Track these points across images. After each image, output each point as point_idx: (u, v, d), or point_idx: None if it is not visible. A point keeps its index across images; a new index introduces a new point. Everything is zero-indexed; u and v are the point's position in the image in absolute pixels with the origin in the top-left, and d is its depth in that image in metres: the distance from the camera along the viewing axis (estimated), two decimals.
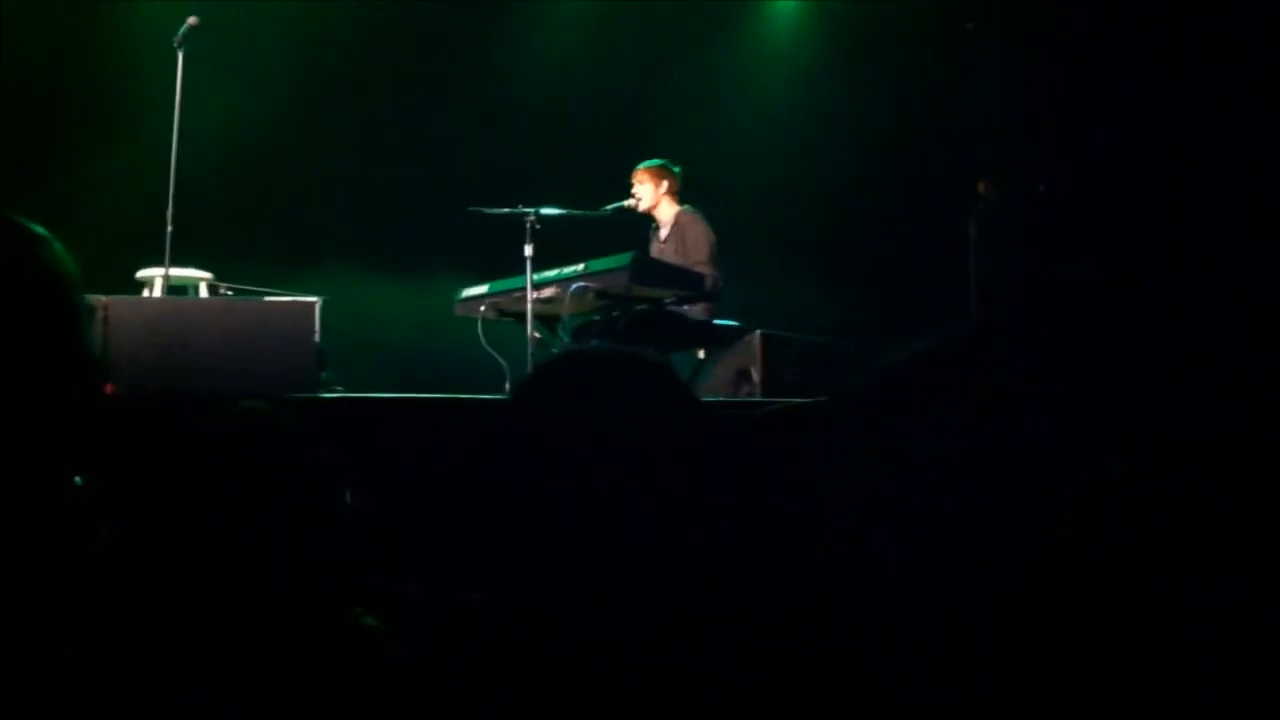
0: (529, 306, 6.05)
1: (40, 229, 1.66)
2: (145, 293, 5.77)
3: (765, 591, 1.48)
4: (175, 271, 5.77)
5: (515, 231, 6.23)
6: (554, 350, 6.31)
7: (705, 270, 6.51)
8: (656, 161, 6.91)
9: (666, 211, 6.87)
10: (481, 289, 6.50)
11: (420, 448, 4.53)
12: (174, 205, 5.82)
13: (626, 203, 6.82)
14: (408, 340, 7.41)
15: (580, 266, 6.13)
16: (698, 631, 1.36)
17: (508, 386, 6.12)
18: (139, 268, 6.04)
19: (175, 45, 6.02)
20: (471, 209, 6.38)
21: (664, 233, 6.88)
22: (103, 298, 4.94)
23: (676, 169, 6.92)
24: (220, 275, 6.18)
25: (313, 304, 5.31)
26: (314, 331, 5.25)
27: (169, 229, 5.76)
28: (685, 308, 6.49)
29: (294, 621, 2.08)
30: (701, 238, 6.70)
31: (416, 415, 4.92)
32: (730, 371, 6.25)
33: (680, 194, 6.90)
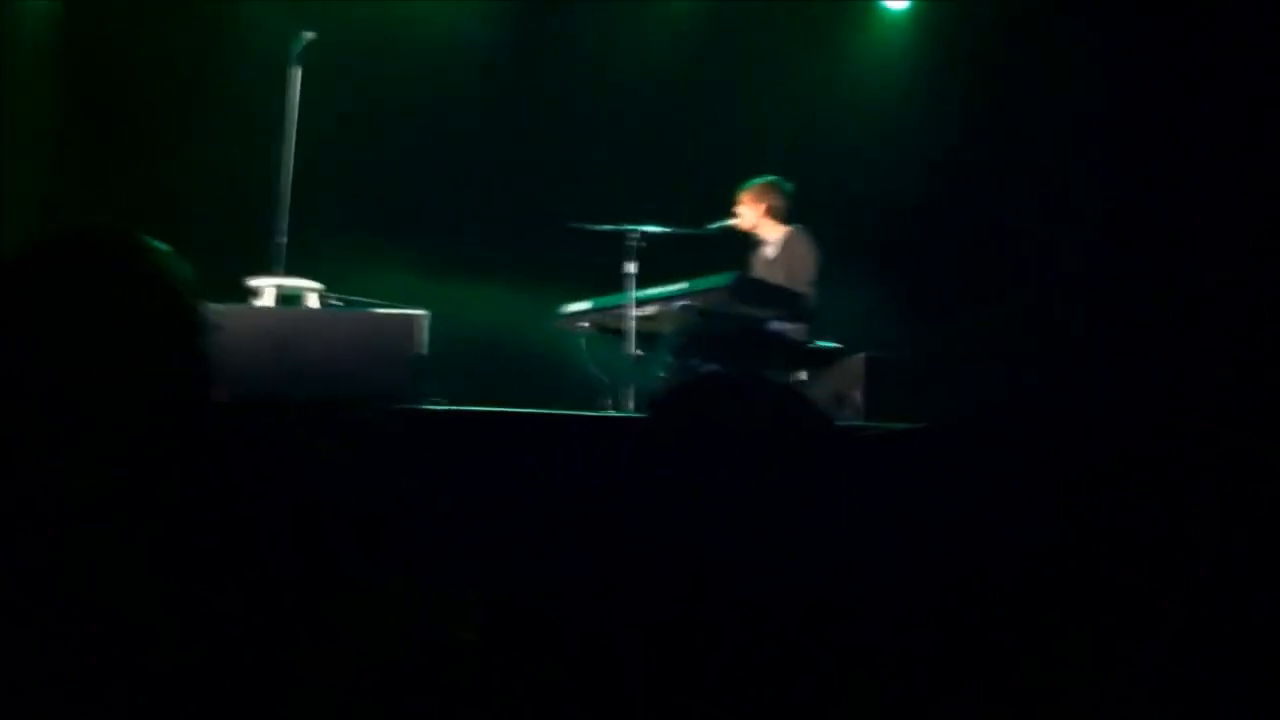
0: (631, 324, 6.07)
1: (162, 244, 1.71)
2: (255, 301, 5.87)
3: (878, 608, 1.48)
4: (285, 281, 5.87)
5: (618, 248, 6.26)
6: (655, 368, 6.33)
7: (809, 291, 6.49)
8: (760, 180, 6.90)
9: (773, 231, 6.86)
10: (584, 305, 6.54)
11: (519, 461, 4.57)
12: (288, 216, 5.93)
13: (730, 221, 6.81)
14: (511, 354, 7.47)
15: (683, 285, 6.14)
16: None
17: (609, 404, 6.15)
18: (250, 275, 6.16)
19: (292, 61, 6.14)
20: (573, 224, 6.42)
21: (770, 251, 6.86)
22: (215, 306, 5.04)
23: (788, 188, 6.89)
24: (330, 287, 6.28)
25: (419, 317, 5.37)
26: (419, 344, 5.31)
27: (282, 240, 5.87)
28: (786, 328, 6.47)
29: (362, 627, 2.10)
30: (810, 258, 6.68)
31: (516, 429, 4.95)
32: (831, 394, 6.21)
33: (788, 212, 6.87)
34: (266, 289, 5.83)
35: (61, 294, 1.60)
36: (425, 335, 5.39)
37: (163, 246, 1.73)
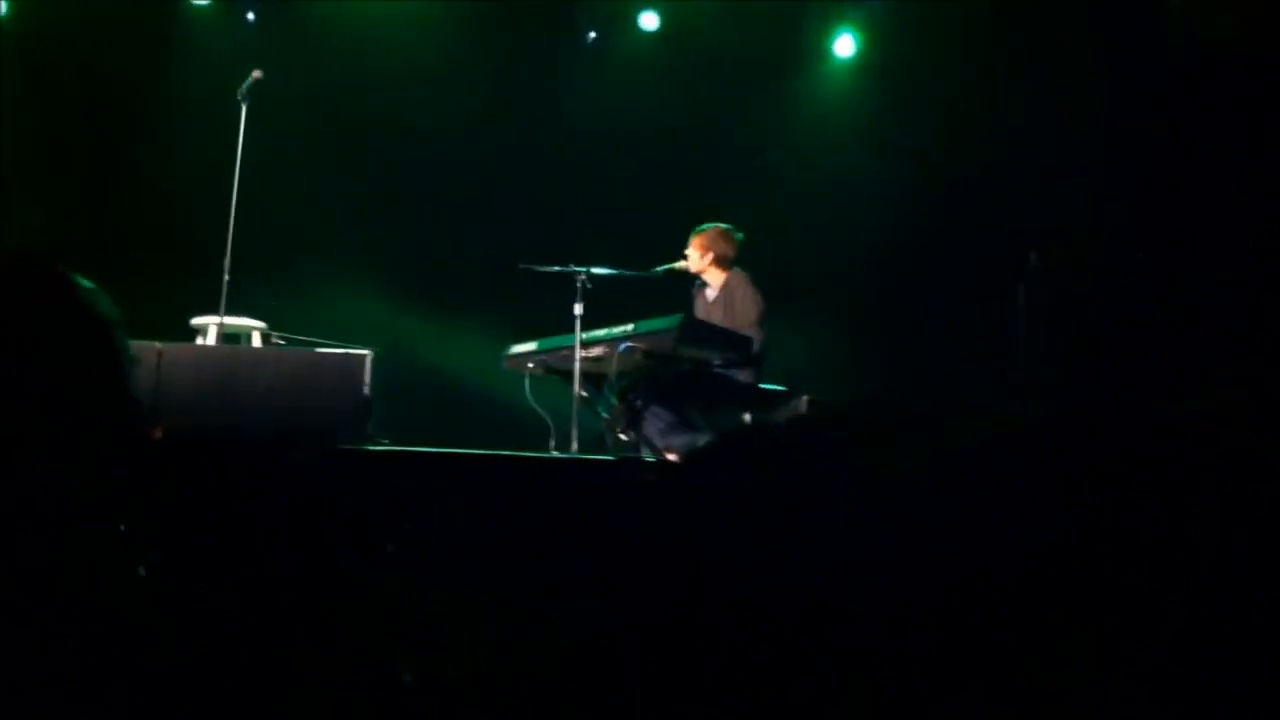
0: (576, 365, 6.07)
1: (86, 281, 1.71)
2: (199, 340, 5.84)
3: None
4: (230, 320, 5.85)
5: (566, 289, 6.27)
6: (599, 409, 6.33)
7: (752, 334, 6.52)
8: (711, 226, 6.93)
9: (715, 275, 6.89)
10: (530, 346, 6.53)
11: (462, 502, 4.55)
12: (231, 255, 5.91)
13: (677, 264, 6.84)
14: (455, 394, 7.46)
15: (629, 327, 6.14)
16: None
17: (552, 445, 6.14)
18: (194, 315, 6.13)
19: (239, 98, 6.13)
20: (522, 265, 6.43)
21: (711, 294, 6.90)
22: (157, 344, 5.02)
23: (738, 236, 6.92)
24: (274, 326, 6.26)
25: (363, 356, 5.37)
26: (364, 383, 5.31)
27: (225, 278, 5.85)
28: (732, 371, 6.48)
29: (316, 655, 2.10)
30: (750, 302, 6.70)
31: (460, 470, 4.94)
32: None
33: (734, 260, 6.91)
34: (210, 327, 5.81)
35: None
36: (369, 374, 5.38)
37: (86, 282, 1.72)
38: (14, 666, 1.50)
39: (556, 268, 6.37)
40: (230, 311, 5.89)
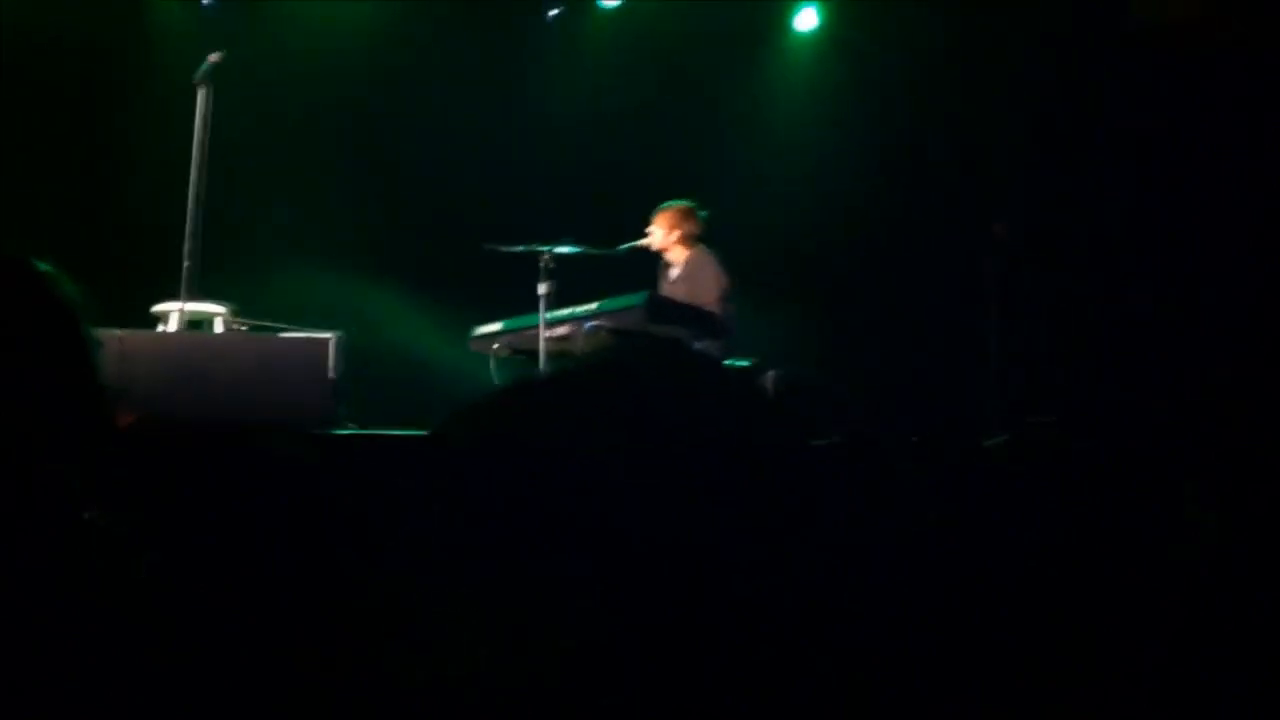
0: (541, 344, 6.06)
1: (46, 266, 1.69)
2: (161, 327, 5.78)
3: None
4: (191, 306, 5.79)
5: (531, 268, 6.25)
6: None
7: (716, 309, 6.53)
8: (674, 203, 6.93)
9: (679, 252, 6.89)
10: (495, 326, 6.52)
11: (428, 486, 4.52)
12: (192, 240, 5.86)
13: (640, 242, 6.84)
14: (421, 377, 7.43)
15: (594, 305, 6.14)
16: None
17: None
18: (156, 301, 6.07)
19: (195, 82, 6.07)
20: (487, 245, 6.40)
21: (674, 272, 6.90)
22: (118, 331, 4.96)
23: (703, 214, 6.92)
24: (239, 310, 6.20)
25: (327, 340, 5.32)
26: (329, 367, 5.26)
27: (186, 263, 5.79)
28: (699, 347, 6.49)
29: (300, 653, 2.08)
30: (712, 278, 6.71)
31: (427, 453, 4.92)
32: None
33: (698, 236, 6.90)
34: (172, 314, 5.75)
35: None
36: (336, 358, 5.34)
37: (47, 268, 1.70)
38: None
39: (520, 247, 6.34)
40: (192, 297, 5.83)
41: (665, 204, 6.94)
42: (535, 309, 6.22)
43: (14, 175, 7.49)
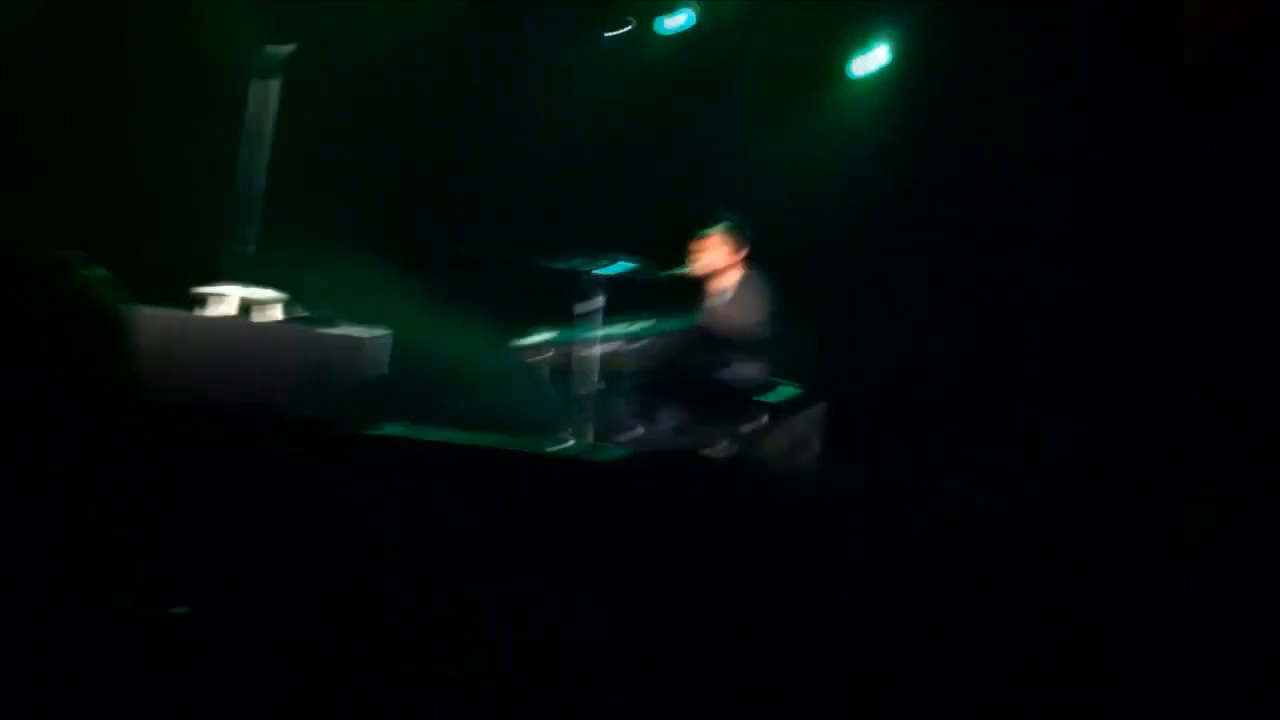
0: (594, 359, 6.04)
1: (74, 252, 1.68)
2: (208, 309, 5.77)
3: None
4: (250, 292, 5.78)
5: (577, 285, 6.22)
6: (615, 405, 6.29)
7: (763, 334, 6.51)
8: (722, 226, 6.89)
9: (729, 276, 6.86)
10: (544, 337, 6.51)
11: (471, 489, 4.49)
12: (259, 225, 5.86)
13: (685, 269, 6.81)
14: (466, 382, 7.40)
15: (645, 325, 6.14)
16: None
17: (565, 437, 6.10)
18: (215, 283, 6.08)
19: (267, 71, 6.07)
20: (536, 261, 6.37)
21: (725, 294, 6.86)
22: (159, 311, 4.94)
23: (748, 234, 6.89)
24: (291, 301, 6.19)
25: (382, 338, 5.29)
26: (382, 365, 5.23)
27: (249, 249, 5.79)
28: (745, 372, 6.46)
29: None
30: (762, 302, 6.69)
31: (468, 458, 4.89)
32: (790, 440, 6.21)
33: (744, 258, 6.88)
34: (229, 297, 5.73)
35: None
36: (386, 356, 5.31)
37: (75, 254, 1.70)
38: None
39: (569, 264, 6.30)
40: (249, 282, 5.83)
41: (712, 227, 6.89)
42: (569, 322, 6.19)
43: (73, 164, 7.52)
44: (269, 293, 5.86)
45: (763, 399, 6.43)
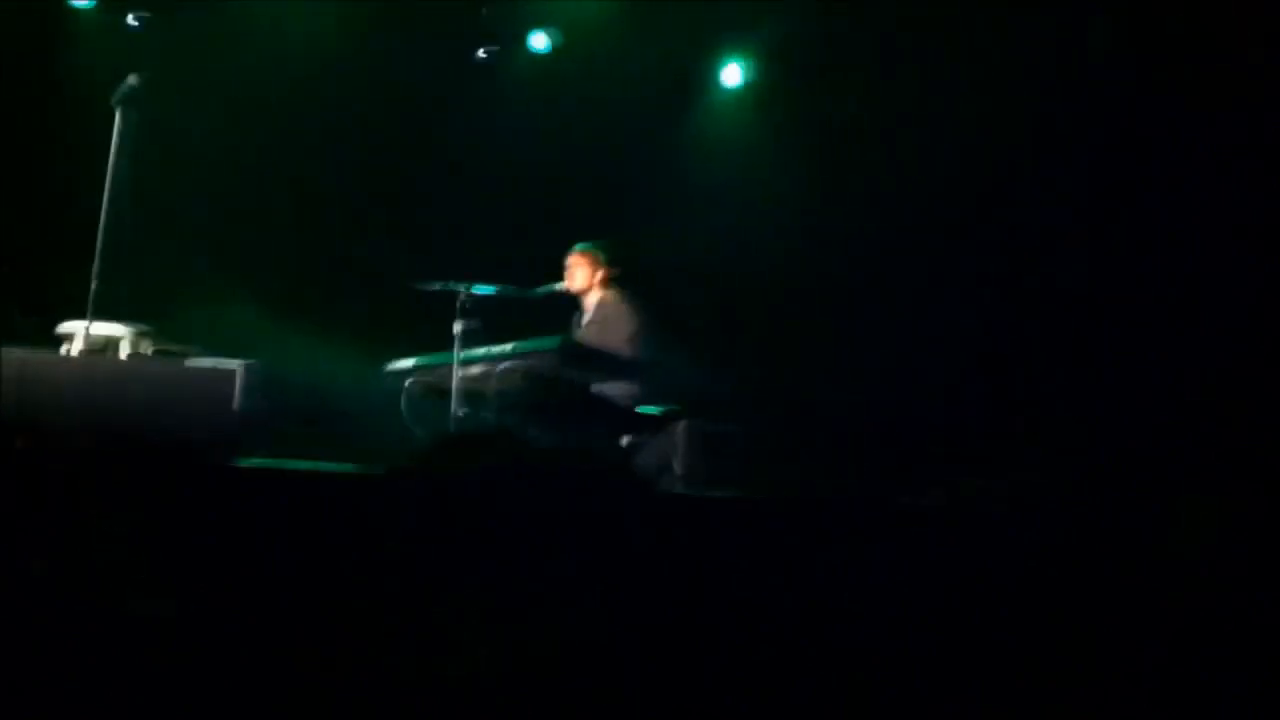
0: (456, 383, 6.04)
1: None
2: (65, 348, 5.71)
3: None
4: (98, 328, 5.72)
5: (449, 305, 6.23)
6: (478, 428, 6.30)
7: (631, 353, 6.54)
8: (589, 245, 6.95)
9: (595, 293, 6.91)
10: (409, 362, 6.49)
11: (330, 518, 4.48)
12: (101, 261, 5.81)
13: (559, 285, 6.85)
14: (333, 408, 7.37)
15: (509, 346, 6.14)
16: None
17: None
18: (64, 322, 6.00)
19: (113, 103, 6.02)
20: (406, 282, 6.37)
21: (591, 313, 6.91)
22: (19, 352, 4.90)
23: (619, 254, 6.95)
24: (153, 333, 6.13)
25: (233, 370, 5.28)
26: (234, 397, 5.21)
27: (94, 284, 5.74)
28: (614, 391, 6.49)
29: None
30: (623, 321, 6.72)
31: (327, 487, 4.88)
32: (654, 461, 6.27)
33: (613, 277, 6.93)
34: (76, 334, 5.67)
35: None
36: (244, 387, 5.28)
37: None
38: None
39: (438, 285, 6.30)
40: (99, 318, 5.76)
41: (581, 245, 6.96)
42: (452, 346, 6.19)
43: None
44: (117, 328, 5.80)
45: (627, 417, 6.49)
